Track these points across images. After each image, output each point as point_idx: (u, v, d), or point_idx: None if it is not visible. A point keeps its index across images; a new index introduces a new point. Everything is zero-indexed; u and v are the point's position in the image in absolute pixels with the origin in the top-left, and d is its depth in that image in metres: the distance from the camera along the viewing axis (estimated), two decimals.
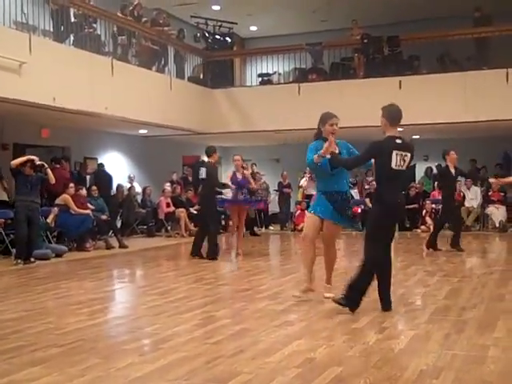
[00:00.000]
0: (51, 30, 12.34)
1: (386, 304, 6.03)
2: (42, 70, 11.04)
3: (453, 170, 11.19)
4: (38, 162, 10.40)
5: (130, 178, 16.49)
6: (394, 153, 5.85)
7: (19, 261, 10.04)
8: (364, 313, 5.87)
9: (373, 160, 6.13)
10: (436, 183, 15.54)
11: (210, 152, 10.93)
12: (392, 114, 6.01)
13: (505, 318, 5.66)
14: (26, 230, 10.19)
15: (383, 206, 5.98)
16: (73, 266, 10.28)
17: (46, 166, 10.73)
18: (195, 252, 10.79)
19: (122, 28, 14.06)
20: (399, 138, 5.95)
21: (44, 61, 11.11)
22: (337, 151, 6.30)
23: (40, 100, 11.09)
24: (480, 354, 4.49)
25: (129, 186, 16.08)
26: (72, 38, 12.71)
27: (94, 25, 13.18)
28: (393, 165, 5.84)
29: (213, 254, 10.62)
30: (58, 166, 13.75)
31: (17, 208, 10.37)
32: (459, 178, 13.61)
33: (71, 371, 4.18)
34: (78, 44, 12.56)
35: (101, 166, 15.60)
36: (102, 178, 15.27)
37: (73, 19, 12.77)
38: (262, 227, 17.64)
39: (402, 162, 5.90)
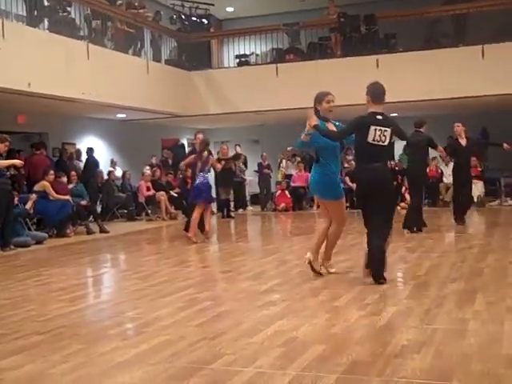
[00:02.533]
0: (24, 14, 12.16)
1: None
2: (17, 55, 10.88)
3: (463, 142, 11.23)
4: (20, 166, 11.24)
5: (112, 162, 16.43)
6: (373, 128, 6.07)
7: None
8: (346, 290, 5.93)
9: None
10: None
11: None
12: (374, 92, 6.27)
13: (484, 291, 5.73)
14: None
15: (358, 179, 6.48)
16: (53, 252, 10.23)
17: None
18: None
19: (97, 11, 13.88)
20: (381, 114, 6.17)
21: (18, 46, 10.95)
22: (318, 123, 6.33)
23: (15, 86, 10.94)
24: (460, 328, 4.56)
25: (111, 170, 16.01)
26: (46, 22, 12.54)
27: (69, 8, 13.00)
28: (369, 139, 6.05)
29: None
30: (37, 152, 13.64)
31: None
32: (435, 154, 13.60)
33: (54, 358, 4.18)
34: (53, 28, 12.39)
35: (90, 150, 15.63)
36: (91, 163, 15.26)
37: (46, 3, 12.59)
38: (240, 209, 17.63)
39: (383, 138, 6.10)
